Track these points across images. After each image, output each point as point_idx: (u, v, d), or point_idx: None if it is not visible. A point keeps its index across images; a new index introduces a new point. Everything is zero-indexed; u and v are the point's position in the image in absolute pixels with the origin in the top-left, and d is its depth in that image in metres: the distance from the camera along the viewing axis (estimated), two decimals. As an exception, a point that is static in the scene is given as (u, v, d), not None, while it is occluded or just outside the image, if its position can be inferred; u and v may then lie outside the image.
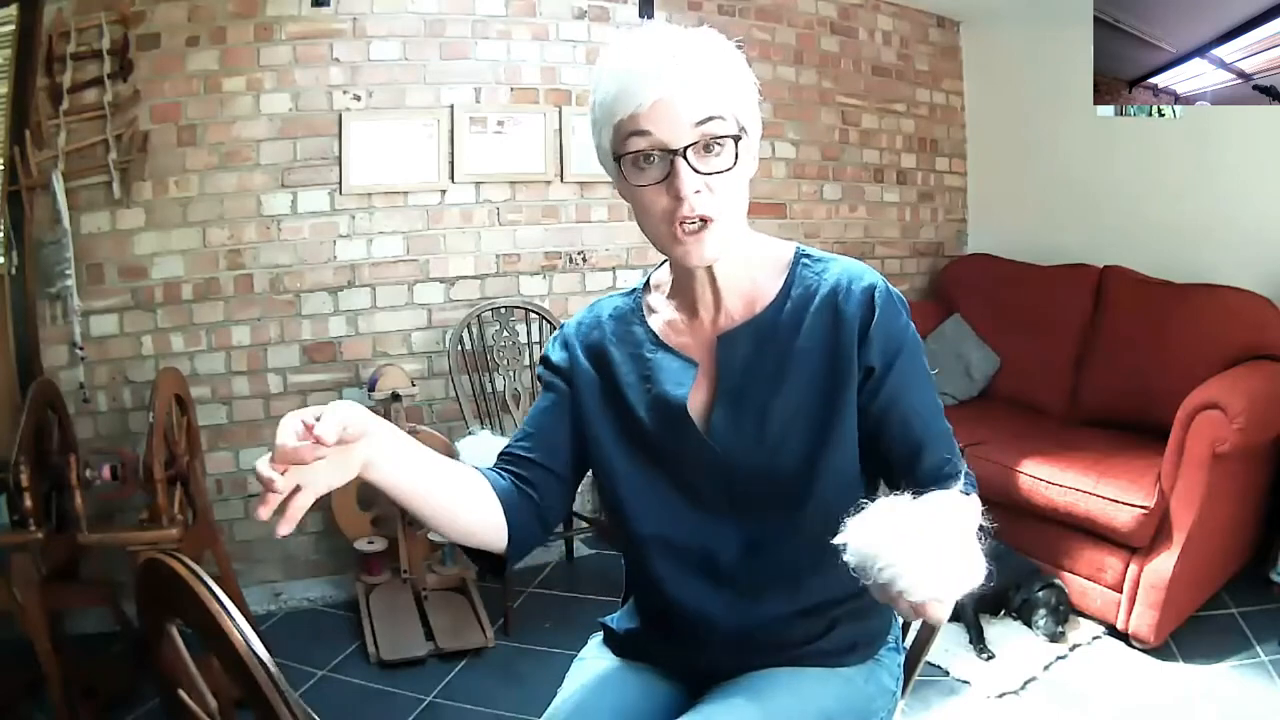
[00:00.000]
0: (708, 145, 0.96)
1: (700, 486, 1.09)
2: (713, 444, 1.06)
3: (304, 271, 2.89)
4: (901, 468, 1.05)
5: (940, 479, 1.02)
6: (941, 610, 0.80)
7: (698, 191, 0.96)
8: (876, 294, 1.04)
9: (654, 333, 1.12)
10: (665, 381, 1.08)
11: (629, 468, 1.10)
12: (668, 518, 1.10)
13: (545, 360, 1.17)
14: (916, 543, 0.78)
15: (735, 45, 1.01)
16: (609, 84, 0.97)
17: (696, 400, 1.08)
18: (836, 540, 0.82)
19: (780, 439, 1.04)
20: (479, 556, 1.11)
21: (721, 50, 0.99)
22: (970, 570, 0.80)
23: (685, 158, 0.95)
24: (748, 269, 1.09)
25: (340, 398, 2.94)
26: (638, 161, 0.97)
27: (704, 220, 0.97)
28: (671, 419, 1.07)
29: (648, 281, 1.19)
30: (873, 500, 0.85)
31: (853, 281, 1.05)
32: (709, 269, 1.05)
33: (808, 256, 1.10)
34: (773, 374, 1.05)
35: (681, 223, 0.97)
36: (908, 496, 0.84)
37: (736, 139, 0.97)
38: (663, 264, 1.17)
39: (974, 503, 1.01)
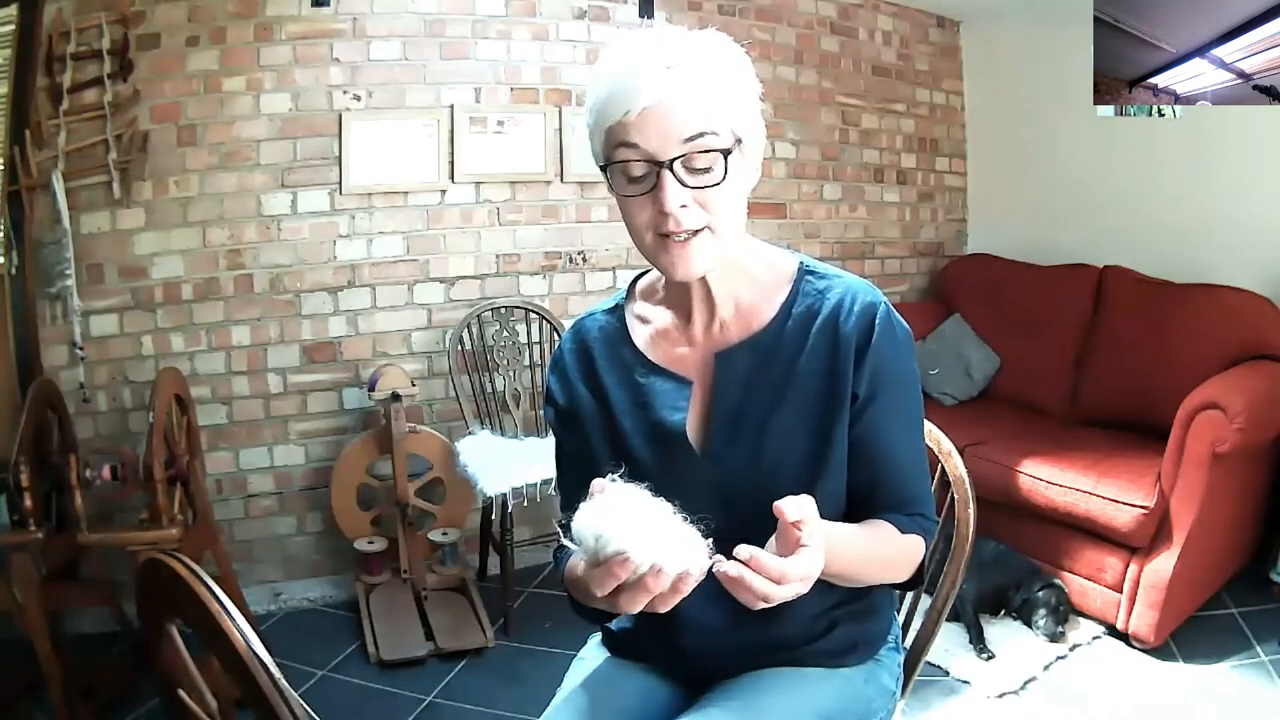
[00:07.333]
0: (697, 160, 0.93)
1: (698, 507, 1.07)
2: (710, 465, 1.04)
3: (304, 271, 2.89)
4: (859, 501, 1.04)
5: (899, 520, 1.03)
6: (664, 580, 0.82)
7: (684, 206, 0.94)
8: (877, 317, 1.02)
9: (642, 354, 1.09)
10: (660, 406, 1.06)
11: None
12: None
13: (550, 399, 1.15)
14: (637, 520, 0.83)
15: (740, 48, 0.97)
16: (601, 87, 0.94)
17: (693, 419, 1.06)
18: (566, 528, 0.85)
19: (777, 459, 1.02)
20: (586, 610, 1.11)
21: (722, 58, 0.95)
22: (688, 548, 0.83)
23: (672, 170, 0.92)
24: (746, 281, 1.07)
25: (340, 398, 2.96)
26: (626, 171, 0.95)
27: (691, 233, 0.95)
28: (669, 443, 1.05)
29: (632, 287, 1.16)
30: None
31: (855, 301, 1.03)
32: (702, 280, 1.03)
33: (811, 272, 1.07)
34: (773, 393, 1.03)
35: (668, 235, 0.95)
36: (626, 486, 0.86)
37: (728, 153, 0.94)
38: (649, 270, 1.15)
39: (916, 545, 1.04)
